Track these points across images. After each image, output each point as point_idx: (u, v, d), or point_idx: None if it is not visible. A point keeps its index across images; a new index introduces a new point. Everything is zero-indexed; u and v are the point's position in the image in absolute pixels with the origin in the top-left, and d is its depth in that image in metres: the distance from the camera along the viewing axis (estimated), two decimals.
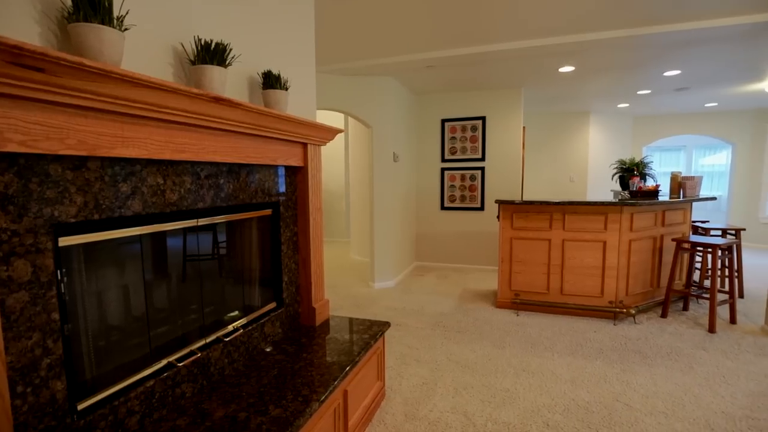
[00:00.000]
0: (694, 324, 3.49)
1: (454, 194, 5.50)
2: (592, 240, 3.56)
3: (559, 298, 3.71)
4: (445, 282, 4.93)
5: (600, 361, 2.81)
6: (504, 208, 3.76)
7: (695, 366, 2.75)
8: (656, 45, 3.57)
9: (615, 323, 3.50)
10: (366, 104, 4.48)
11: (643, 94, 5.73)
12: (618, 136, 7.48)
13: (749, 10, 2.88)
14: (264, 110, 1.68)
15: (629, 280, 3.61)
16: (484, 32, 3.28)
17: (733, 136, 7.28)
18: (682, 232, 4.03)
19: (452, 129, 5.45)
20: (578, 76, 4.66)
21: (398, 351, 3.00)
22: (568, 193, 7.20)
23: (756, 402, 2.32)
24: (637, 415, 2.19)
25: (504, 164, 5.30)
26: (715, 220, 7.73)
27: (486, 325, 3.48)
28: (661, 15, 2.96)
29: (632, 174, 4.59)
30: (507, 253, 3.80)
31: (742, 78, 4.88)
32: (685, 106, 6.70)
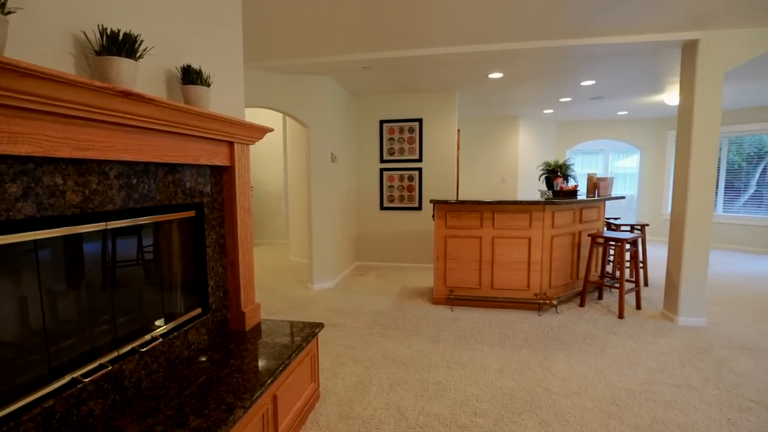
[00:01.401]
0: (607, 311, 3.85)
1: (393, 194, 5.59)
2: (519, 237, 3.80)
3: (490, 292, 3.91)
4: (384, 281, 5.00)
5: (525, 350, 3.01)
6: (438, 208, 3.89)
7: (606, 349, 3.03)
8: (574, 56, 3.88)
9: (540, 314, 3.76)
10: (303, 103, 4.41)
11: (564, 101, 6.21)
12: (544, 140, 8.04)
13: (651, 30, 3.23)
14: (182, 107, 1.60)
15: (552, 274, 3.90)
16: (418, 36, 3.37)
17: (641, 142, 8.13)
18: (597, 228, 4.43)
19: (390, 130, 5.53)
20: (507, 82, 4.95)
21: (335, 351, 2.99)
22: (500, 193, 7.61)
23: (653, 377, 2.61)
24: (555, 398, 2.37)
25: (440, 165, 5.49)
26: (627, 217, 8.57)
27: (422, 322, 3.58)
28: (578, 30, 3.23)
29: (556, 175, 4.95)
30: (442, 251, 3.93)
31: (646, 90, 5.46)
32: (601, 114, 7.36)
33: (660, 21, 3.07)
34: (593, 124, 8.18)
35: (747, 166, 7.11)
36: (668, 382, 2.55)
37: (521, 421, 2.14)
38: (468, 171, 7.70)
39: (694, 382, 2.56)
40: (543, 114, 7.34)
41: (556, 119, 7.99)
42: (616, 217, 5.41)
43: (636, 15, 2.95)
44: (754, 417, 2.19)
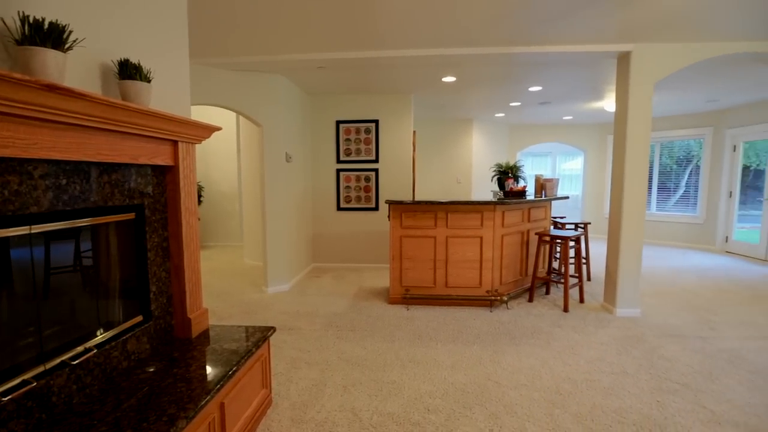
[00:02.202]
0: (554, 305, 4.05)
1: (349, 195, 5.58)
2: (471, 236, 3.92)
3: (444, 290, 4.00)
4: (341, 282, 4.97)
5: (477, 346, 3.10)
6: (394, 209, 3.93)
7: (552, 342, 3.19)
8: (522, 63, 4.06)
9: (491, 310, 3.89)
10: (256, 102, 4.30)
11: (514, 106, 6.47)
12: (497, 142, 8.34)
13: (590, 41, 3.44)
14: (118, 103, 1.51)
15: (503, 271, 4.06)
16: (373, 38, 3.38)
17: (584, 145, 8.64)
18: (544, 227, 4.66)
19: (347, 131, 5.52)
20: (460, 86, 5.08)
21: (289, 355, 2.94)
22: (455, 194, 7.81)
23: (593, 366, 2.78)
24: (504, 390, 2.47)
25: (396, 166, 5.54)
26: (573, 216, 9.08)
27: (378, 322, 3.60)
28: (525, 38, 3.37)
29: (507, 176, 5.14)
30: (397, 251, 3.97)
31: (588, 97, 5.81)
32: (549, 118, 7.74)
33: (597, 33, 3.28)
34: (541, 127, 8.59)
35: (677, 168, 7.76)
36: (607, 370, 2.73)
37: (472, 415, 2.21)
38: (424, 172, 7.84)
39: (629, 369, 2.75)
40: (495, 117, 7.61)
41: (508, 122, 8.32)
42: (562, 216, 5.71)
43: (576, 27, 3.13)
44: (679, 398, 2.39)
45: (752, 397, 2.39)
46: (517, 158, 8.65)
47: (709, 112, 7.06)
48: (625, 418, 2.19)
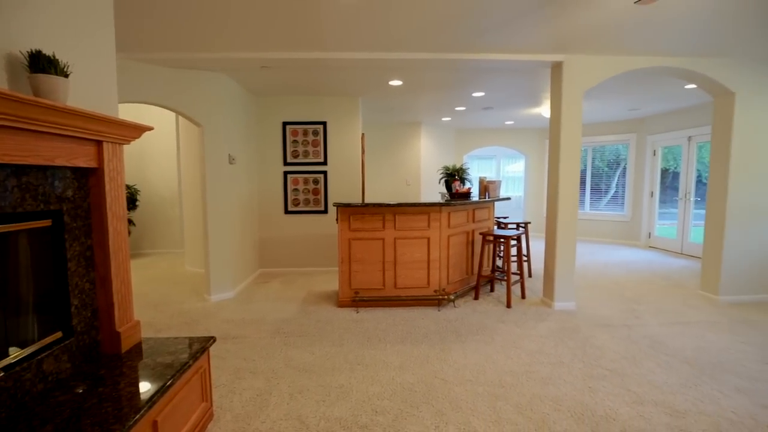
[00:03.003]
0: (497, 302, 4.22)
1: (298, 198, 5.47)
2: (419, 237, 3.99)
3: (393, 291, 4.03)
4: (290, 287, 4.86)
5: (425, 345, 3.16)
6: (342, 211, 3.91)
7: (495, 337, 3.32)
8: (465, 69, 4.20)
9: (439, 309, 3.98)
10: (195, 101, 4.10)
11: (460, 110, 6.69)
12: (444, 145, 8.57)
13: (527, 50, 3.62)
14: (28, 99, 1.37)
15: (449, 270, 4.17)
16: (318, 40, 3.34)
17: (525, 149, 9.11)
18: (488, 227, 4.84)
19: (294, 132, 5.42)
20: (406, 90, 5.17)
21: (233, 365, 2.82)
22: (405, 196, 7.92)
23: (533, 358, 2.92)
24: (450, 387, 2.53)
25: (345, 169, 5.52)
26: (516, 216, 9.53)
27: (327, 326, 3.56)
28: (467, 45, 3.49)
29: (454, 178, 5.30)
30: (346, 254, 3.95)
31: (527, 103, 6.13)
32: (492, 123, 8.08)
33: (533, 44, 3.47)
34: (486, 131, 8.95)
35: (608, 171, 8.40)
36: (545, 361, 2.88)
37: (419, 414, 2.24)
38: (374, 174, 7.88)
39: (565, 358, 2.93)
40: (442, 121, 7.82)
41: (454, 126, 8.58)
42: (505, 216, 5.98)
43: (514, 37, 3.30)
44: (608, 383, 2.57)
45: (669, 378, 2.64)
46: (463, 161, 8.93)
47: (632, 120, 7.72)
48: (561, 406, 2.32)
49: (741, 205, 4.12)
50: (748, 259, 4.20)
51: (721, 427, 2.12)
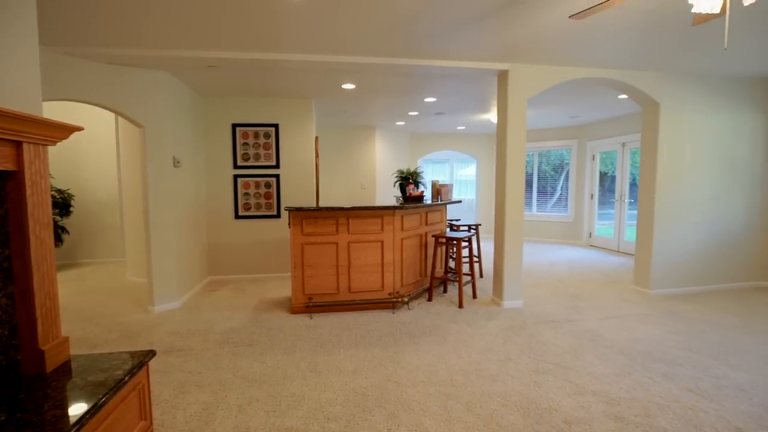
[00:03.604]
0: (450, 303, 4.32)
1: (249, 202, 5.31)
2: (373, 240, 4.00)
3: (348, 296, 4.01)
4: (241, 294, 4.69)
5: (379, 348, 3.16)
6: (294, 215, 3.83)
7: (448, 337, 3.39)
8: (416, 75, 4.27)
9: (393, 312, 4.00)
10: (136, 100, 3.86)
11: (413, 115, 6.80)
12: (399, 149, 8.67)
13: (475, 58, 3.75)
14: None
15: (403, 273, 4.21)
16: (267, 40, 3.27)
17: (477, 153, 9.41)
18: (441, 229, 4.95)
19: (244, 134, 5.26)
20: (360, 94, 5.18)
21: (177, 379, 2.67)
22: (361, 199, 7.92)
23: (483, 357, 3.01)
24: (403, 389, 2.54)
25: (299, 172, 5.43)
26: (468, 218, 9.82)
27: (279, 333, 3.47)
28: (417, 51, 3.55)
29: (408, 182, 5.36)
30: (299, 259, 3.88)
31: (477, 109, 6.34)
32: (444, 127, 8.29)
33: (480, 52, 3.60)
34: (438, 136, 9.15)
35: (554, 174, 8.87)
36: (494, 359, 2.98)
37: (371, 418, 2.23)
38: (329, 178, 7.81)
39: (512, 355, 3.04)
40: (396, 125, 7.91)
41: (408, 131, 8.70)
42: (458, 218, 6.13)
43: (462, 45, 3.40)
44: (552, 376, 2.70)
45: (606, 368, 2.81)
46: (417, 165, 9.08)
47: (573, 127, 8.22)
48: (508, 401, 2.41)
49: (667, 205, 4.50)
50: (673, 256, 4.59)
51: (650, 412, 2.29)
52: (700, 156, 4.55)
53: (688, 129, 4.49)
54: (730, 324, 3.66)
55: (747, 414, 2.26)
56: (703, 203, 4.62)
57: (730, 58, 3.89)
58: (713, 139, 4.58)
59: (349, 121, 7.32)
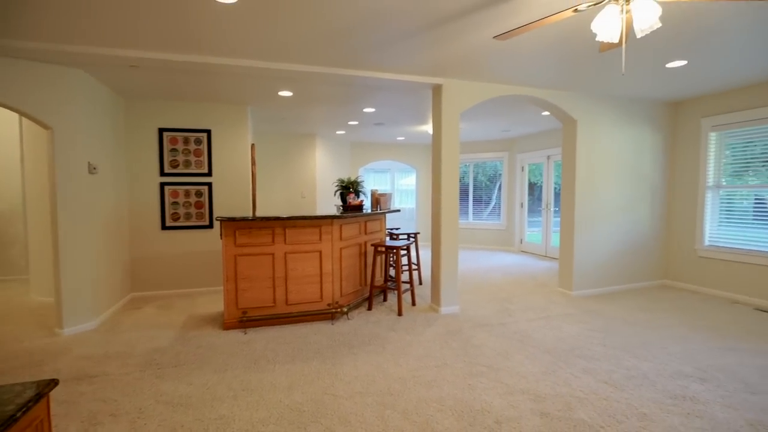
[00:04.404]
0: (390, 311, 4.34)
1: (177, 212, 4.98)
2: (311, 251, 3.92)
3: (285, 308, 3.88)
4: (168, 311, 4.36)
5: (316, 361, 3.09)
6: (226, 226, 3.65)
7: (387, 346, 3.40)
8: (355, 85, 4.30)
9: (333, 323, 3.94)
10: (42, 99, 3.48)
11: (353, 125, 6.83)
12: (339, 158, 8.65)
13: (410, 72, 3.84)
14: None
15: (342, 283, 4.17)
16: (194, 42, 3.11)
17: (416, 163, 9.66)
18: (380, 238, 4.99)
19: (173, 140, 4.94)
20: (298, 101, 5.10)
21: (88, 410, 2.41)
22: (301, 208, 7.77)
23: (421, 363, 3.06)
24: (340, 401, 2.50)
25: (233, 180, 5.20)
26: (409, 227, 10.01)
27: (210, 352, 3.26)
28: (354, 62, 3.57)
29: (349, 191, 5.35)
30: (232, 272, 3.70)
31: (415, 120, 6.52)
32: (385, 137, 8.42)
33: (415, 66, 3.71)
34: (379, 146, 9.27)
35: (489, 184, 9.33)
36: (431, 365, 3.03)
37: None
38: (268, 187, 7.58)
39: (448, 360, 3.12)
40: (337, 134, 7.90)
41: (349, 140, 8.72)
42: (398, 227, 6.23)
43: (398, 58, 3.48)
44: (485, 378, 2.81)
45: (534, 367, 2.98)
46: (358, 174, 9.11)
47: (505, 139, 8.74)
48: (444, 406, 2.45)
49: (585, 213, 4.92)
50: (591, 259, 5.01)
51: (571, 405, 2.45)
52: (611, 169, 5.04)
53: (601, 144, 4.96)
54: (639, 319, 4.05)
55: (651, 400, 2.51)
56: (615, 211, 5.11)
57: (630, 83, 4.37)
58: (622, 154, 5.10)
59: (288, 128, 7.18)
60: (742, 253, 4.65)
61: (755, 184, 4.64)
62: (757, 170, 4.63)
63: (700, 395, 2.57)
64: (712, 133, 4.99)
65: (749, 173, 4.71)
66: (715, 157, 5.00)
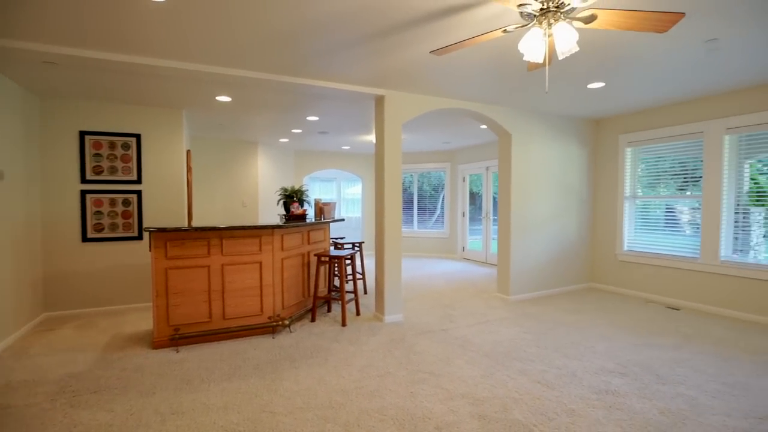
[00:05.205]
0: (334, 322, 4.28)
1: (101, 222, 4.57)
2: (250, 262, 3.77)
3: (222, 323, 3.69)
4: (88, 332, 3.97)
5: (254, 378, 2.95)
6: (156, 237, 3.41)
7: (329, 357, 3.34)
8: (297, 93, 4.23)
9: (274, 336, 3.81)
10: None
11: (296, 132, 6.72)
12: (283, 166, 8.46)
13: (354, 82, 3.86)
14: None
15: (284, 294, 4.05)
16: (118, 39, 2.90)
17: (361, 172, 9.69)
18: (324, 248, 4.92)
19: (96, 144, 4.55)
20: (237, 107, 4.93)
21: None
22: (242, 218, 7.47)
23: (363, 373, 3.03)
24: (279, 419, 2.40)
25: (166, 188, 4.89)
26: (355, 236, 9.99)
27: (136, 374, 3.00)
28: (296, 69, 3.52)
29: (293, 200, 5.23)
30: (162, 286, 3.45)
31: (360, 130, 6.55)
32: (330, 146, 8.37)
33: (358, 77, 3.74)
34: (324, 154, 9.21)
35: (434, 194, 9.58)
36: (374, 374, 3.02)
37: None
38: (207, 195, 7.21)
39: (391, 369, 3.12)
40: (280, 142, 7.73)
41: (293, 148, 8.57)
42: (342, 237, 6.19)
43: (341, 68, 3.49)
44: (426, 385, 2.84)
45: (473, 371, 3.07)
46: (303, 183, 8.96)
47: (447, 151, 9.05)
48: (386, 415, 2.45)
49: (520, 221, 5.20)
50: (527, 265, 5.29)
51: (507, 406, 2.55)
52: (543, 180, 5.39)
53: (534, 157, 5.29)
54: (567, 321, 4.33)
55: (579, 396, 2.68)
56: (547, 219, 5.46)
57: (558, 101, 4.73)
58: (552, 167, 5.47)
59: (228, 135, 6.91)
60: (655, 257, 5.16)
61: (666, 195, 5.19)
62: (667, 182, 5.18)
63: (620, 389, 2.78)
64: (628, 149, 5.52)
65: (661, 185, 5.25)
66: (631, 170, 5.53)
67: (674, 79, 3.92)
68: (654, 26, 2.09)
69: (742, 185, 4.45)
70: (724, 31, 2.83)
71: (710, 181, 4.59)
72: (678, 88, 4.23)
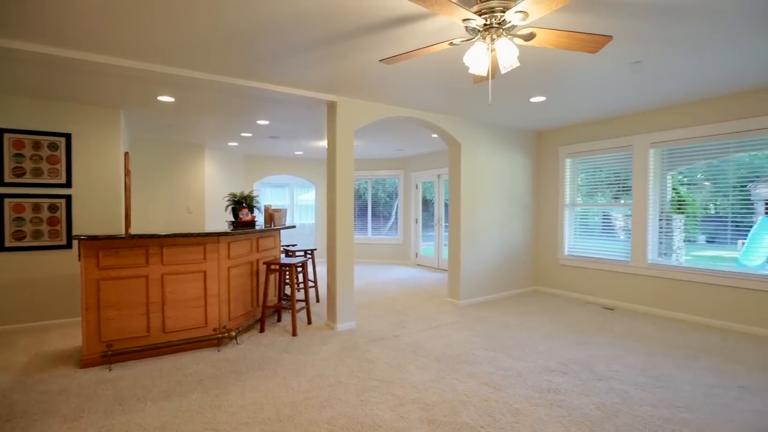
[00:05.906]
0: (284, 332, 4.16)
1: (23, 229, 4.15)
2: (194, 271, 3.58)
3: (162, 337, 3.46)
4: (5, 352, 3.57)
5: (197, 394, 2.79)
6: (86, 246, 3.14)
7: (278, 369, 3.23)
8: (246, 96, 4.11)
9: (219, 349, 3.63)
10: None
11: (246, 136, 6.51)
12: (232, 171, 8.16)
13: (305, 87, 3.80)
14: None
15: (231, 305, 3.88)
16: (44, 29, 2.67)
17: (315, 179, 9.57)
18: (274, 256, 4.78)
19: (18, 144, 4.14)
20: (181, 108, 4.70)
21: None
22: (187, 224, 7.10)
23: (314, 384, 2.96)
24: None
25: (101, 193, 4.53)
26: (308, 243, 9.82)
27: (59, 397, 2.73)
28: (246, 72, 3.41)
29: (242, 206, 5.04)
30: (93, 299, 3.18)
31: (313, 136, 6.47)
32: (282, 151, 8.19)
33: (310, 81, 3.69)
34: (276, 159, 9.00)
35: (389, 200, 9.64)
36: (325, 384, 2.96)
37: None
38: (149, 201, 6.77)
39: (342, 377, 3.08)
40: (229, 146, 7.45)
41: (243, 152, 8.30)
42: (294, 244, 6.05)
43: (293, 72, 3.43)
44: (377, 393, 2.82)
45: (424, 376, 3.10)
46: (253, 188, 8.69)
47: (400, 158, 9.17)
48: (335, 426, 2.40)
49: (469, 228, 5.36)
50: (476, 269, 5.46)
51: (456, 409, 2.59)
52: (491, 188, 5.60)
53: (482, 166, 5.49)
54: (514, 323, 4.51)
55: (523, 396, 2.78)
56: (494, 226, 5.67)
57: (503, 113, 4.96)
58: (500, 175, 5.71)
59: (173, 137, 6.55)
60: (592, 261, 5.52)
61: (602, 203, 5.57)
62: (603, 191, 5.57)
63: (561, 387, 2.92)
64: (567, 159, 5.88)
65: (598, 194, 5.64)
66: (571, 179, 5.89)
67: (606, 96, 4.24)
68: (586, 47, 2.25)
69: (666, 194, 4.88)
70: (647, 54, 3.11)
71: (638, 191, 5.00)
72: (610, 104, 4.58)
